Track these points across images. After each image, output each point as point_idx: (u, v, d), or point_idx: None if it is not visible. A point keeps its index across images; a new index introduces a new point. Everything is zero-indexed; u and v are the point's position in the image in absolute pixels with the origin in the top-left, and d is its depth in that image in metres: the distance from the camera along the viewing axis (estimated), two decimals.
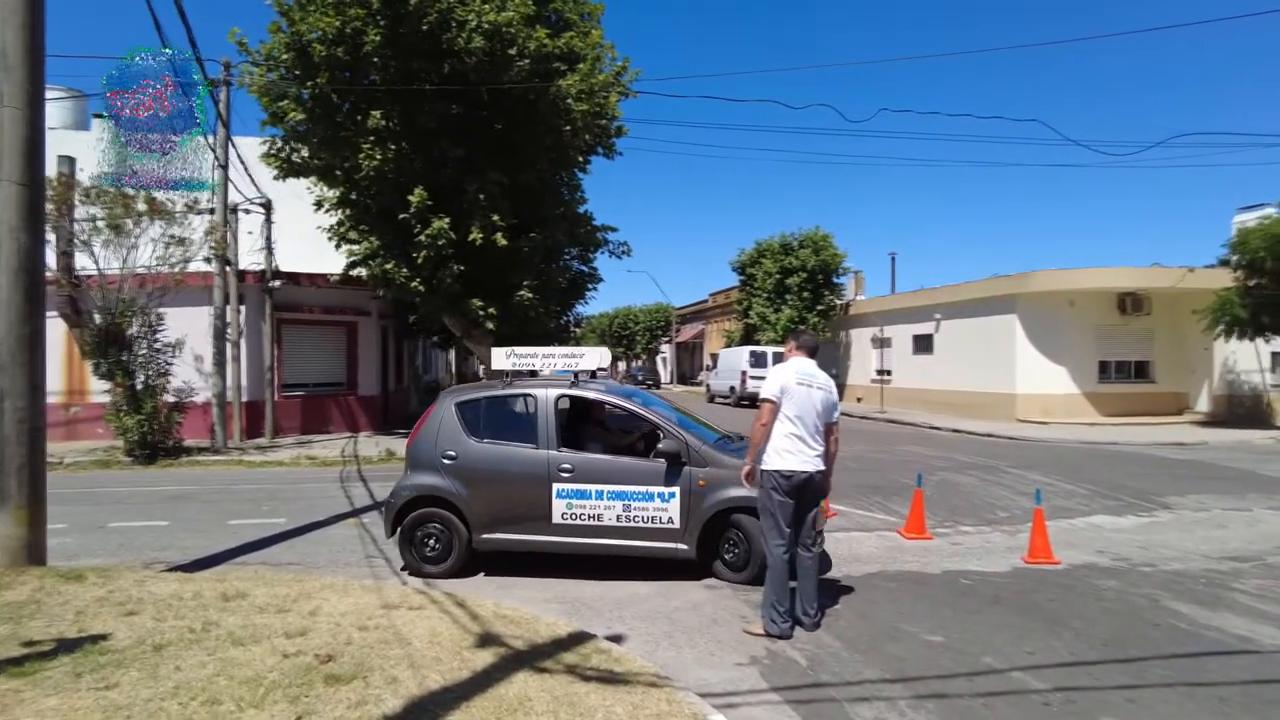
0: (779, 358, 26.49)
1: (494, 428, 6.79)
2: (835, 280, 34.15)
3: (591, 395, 6.86)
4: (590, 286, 18.89)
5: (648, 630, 5.21)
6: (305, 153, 15.47)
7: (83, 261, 13.49)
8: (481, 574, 6.61)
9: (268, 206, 17.10)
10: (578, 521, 6.40)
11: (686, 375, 57.05)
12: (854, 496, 10.09)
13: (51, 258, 13.10)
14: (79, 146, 16.93)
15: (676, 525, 6.26)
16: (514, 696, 3.72)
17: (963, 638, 5.05)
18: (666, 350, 62.26)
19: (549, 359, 7.15)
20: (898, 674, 4.47)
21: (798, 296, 33.41)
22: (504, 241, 14.22)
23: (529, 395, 6.81)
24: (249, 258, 16.74)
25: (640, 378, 52.54)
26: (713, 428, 7.35)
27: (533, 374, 7.15)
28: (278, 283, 17.27)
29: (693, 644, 4.96)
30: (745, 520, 6.16)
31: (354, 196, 15.75)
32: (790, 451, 5.06)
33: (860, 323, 32.13)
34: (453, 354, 43.93)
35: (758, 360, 29.34)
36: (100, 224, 13.06)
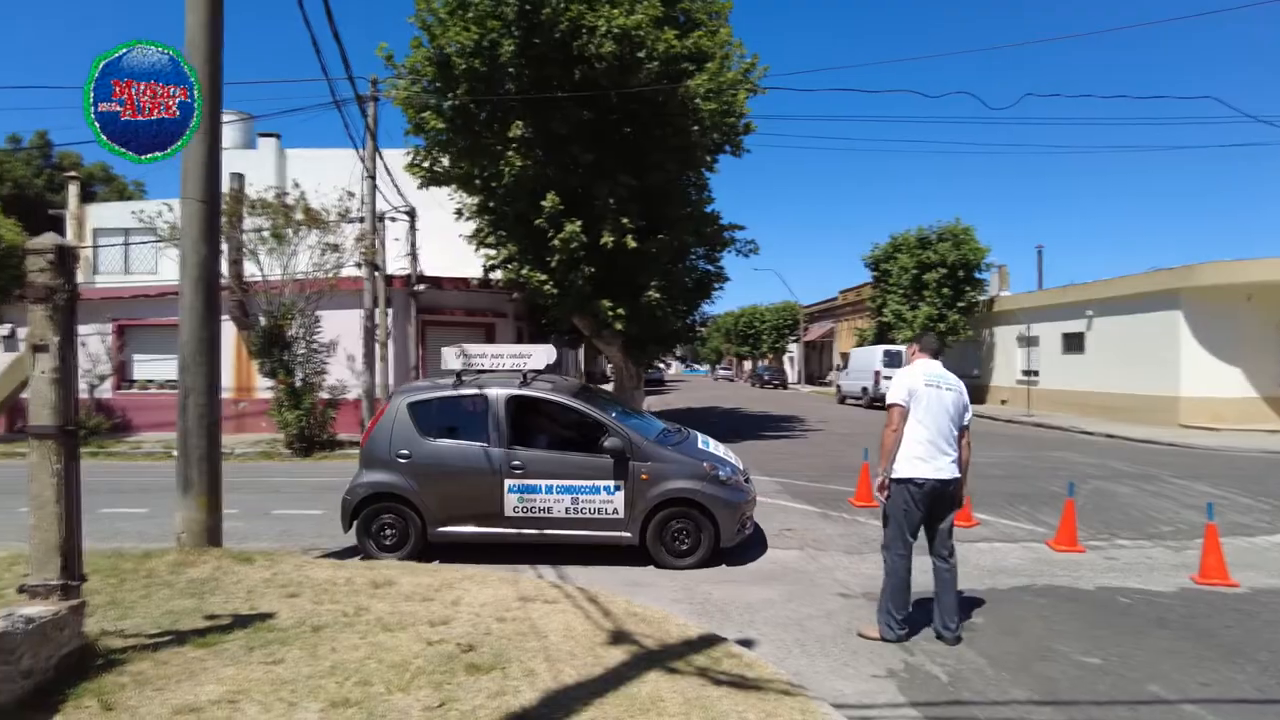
0: None
1: (446, 426, 7.18)
2: (977, 275, 32.36)
3: (540, 395, 7.21)
4: (717, 286, 18.83)
5: (779, 636, 5.12)
6: (446, 162, 16.21)
7: (249, 268, 14.73)
8: (608, 567, 6.70)
9: (412, 214, 18.09)
10: (529, 514, 6.86)
11: (815, 375, 55.81)
12: (998, 505, 9.51)
13: (223, 265, 14.43)
14: (246, 163, 18.54)
15: (621, 515, 6.78)
16: (646, 696, 3.75)
17: (1123, 662, 4.65)
18: (794, 350, 61.13)
19: (497, 358, 7.63)
20: (1048, 695, 4.17)
21: (936, 293, 31.88)
22: (633, 244, 14.40)
23: (480, 395, 7.15)
24: (396, 263, 17.76)
25: (766, 378, 51.86)
26: (655, 421, 8.01)
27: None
28: (422, 286, 18.26)
29: (826, 653, 4.82)
30: (691, 511, 6.75)
31: (491, 204, 16.37)
32: (922, 459, 4.84)
33: (1004, 320, 30.29)
34: (581, 352, 45.12)
35: (892, 360, 28.28)
36: (265, 233, 14.19)
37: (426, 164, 16.33)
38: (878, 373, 28.47)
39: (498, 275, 17.12)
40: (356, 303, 16.36)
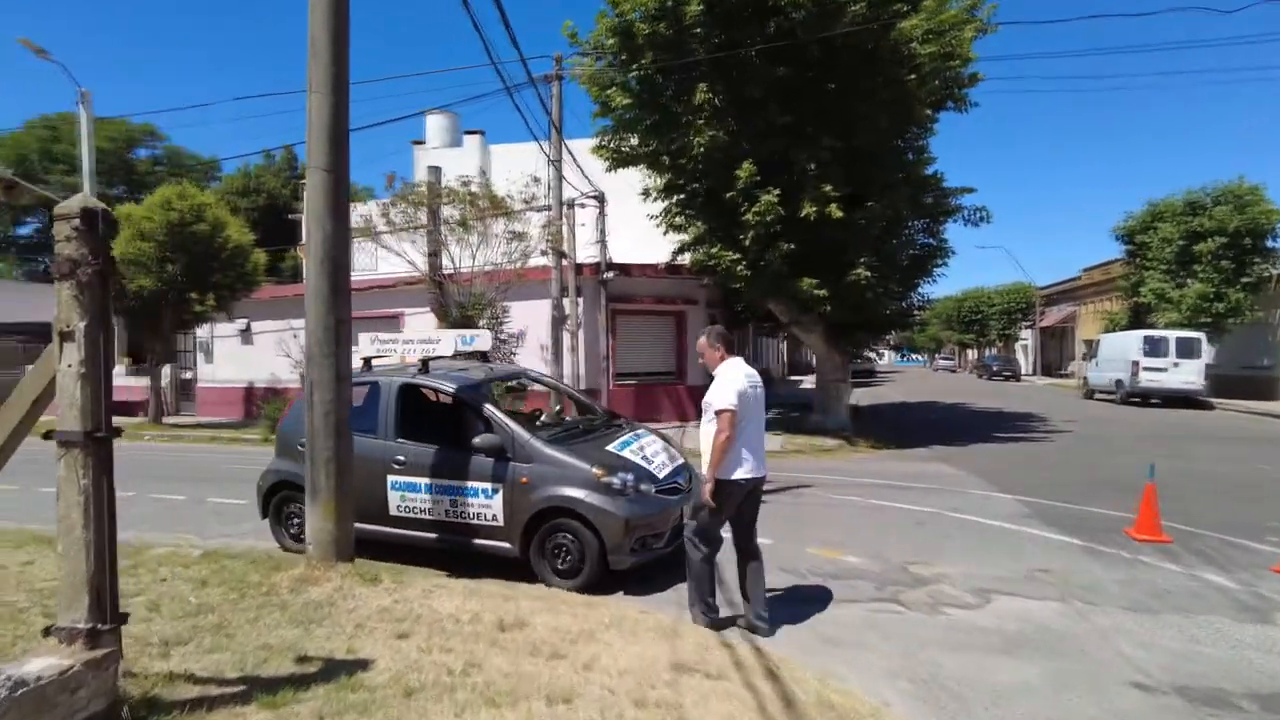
0: (1184, 343, 20.91)
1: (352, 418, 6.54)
2: (1269, 245, 26.55)
3: (429, 384, 6.70)
4: (938, 261, 16.26)
5: None
6: (635, 141, 15.34)
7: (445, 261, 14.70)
8: (789, 627, 5.21)
9: (601, 199, 17.43)
10: (411, 514, 6.33)
11: (1052, 365, 49.55)
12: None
13: (418, 258, 14.51)
14: (453, 161, 18.84)
15: (500, 523, 6.01)
16: None
17: None
18: (1026, 337, 54.81)
19: (408, 344, 7.23)
20: None
21: (1211, 267, 26.50)
22: (838, 213, 12.59)
23: (374, 383, 6.81)
24: (585, 251, 17.20)
25: (995, 368, 46.74)
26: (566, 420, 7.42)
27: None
28: (611, 274, 17.58)
29: None
30: (572, 523, 5.77)
31: (680, 181, 15.28)
32: (748, 459, 4.85)
33: None
34: (784, 343, 43.13)
35: (1155, 347, 23.73)
36: (455, 225, 14.07)
37: (613, 145, 15.53)
38: (1136, 363, 23.99)
39: (685, 258, 15.97)
40: (545, 292, 15.96)
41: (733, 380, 4.80)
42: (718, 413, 4.74)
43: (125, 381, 22.15)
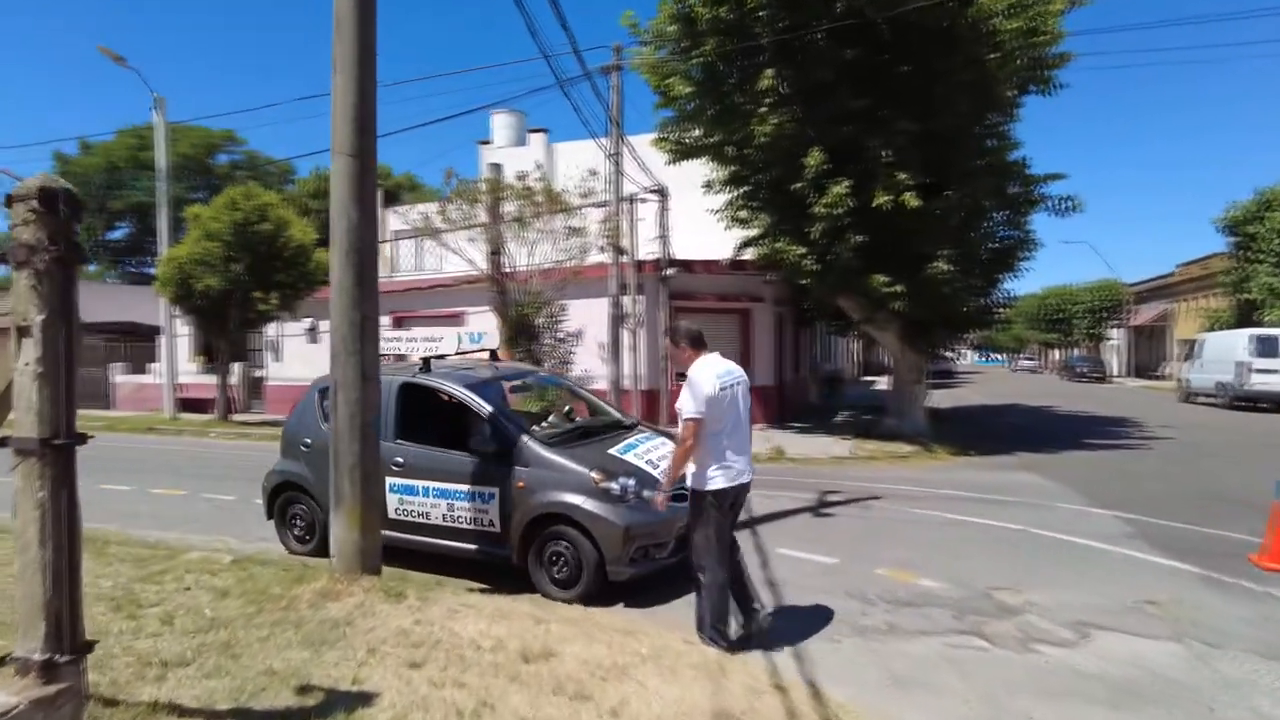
0: None
1: None
2: None
3: (429, 383, 6.38)
4: (1023, 255, 15.13)
5: None
6: (697, 132, 14.79)
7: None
8: (854, 665, 4.58)
9: (662, 193, 16.90)
10: (410, 518, 6.13)
11: (1145, 366, 46.71)
12: None
13: (476, 256, 14.28)
14: (518, 161, 18.55)
15: (498, 529, 5.76)
16: None
17: None
18: (1116, 336, 51.87)
19: (411, 342, 7.40)
20: None
21: None
22: (914, 202, 11.75)
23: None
24: (645, 247, 16.71)
25: (1081, 369, 44.31)
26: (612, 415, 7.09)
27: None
28: (672, 271, 17.03)
29: None
30: (569, 531, 5.46)
31: (745, 173, 14.65)
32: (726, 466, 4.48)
33: None
34: (858, 342, 41.78)
35: (1266, 347, 21.84)
36: (512, 221, 13.79)
37: (675, 136, 15.00)
38: (1244, 364, 22.10)
39: (749, 254, 15.31)
40: (603, 290, 15.53)
41: (700, 383, 4.41)
42: (685, 421, 4.42)
43: (198, 379, 22.76)
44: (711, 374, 4.46)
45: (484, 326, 15.26)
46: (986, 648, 4.69)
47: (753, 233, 15.26)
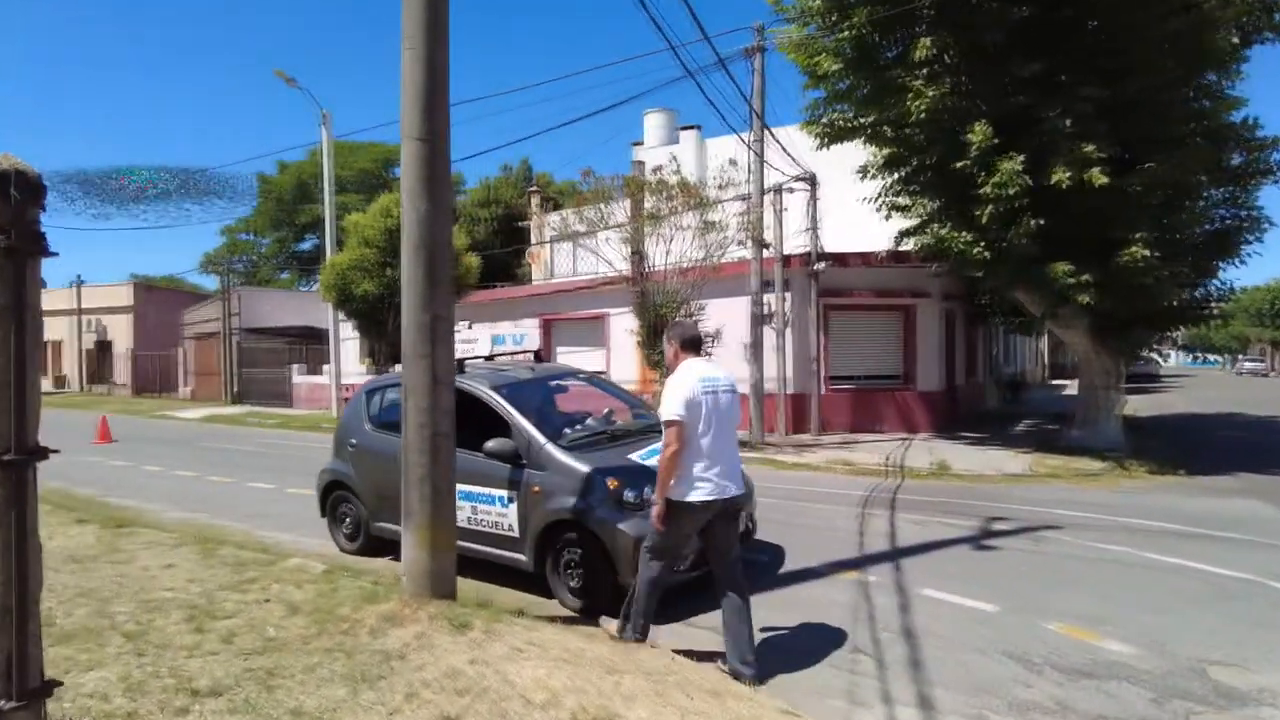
0: None
1: (387, 417, 6.61)
2: None
3: (465, 386, 5.91)
4: (1248, 238, 12.64)
5: None
6: (850, 113, 13.60)
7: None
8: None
9: (812, 182, 15.78)
10: None
11: None
12: None
13: (614, 256, 13.94)
14: (669, 159, 18.11)
15: (516, 534, 5.65)
16: None
17: None
18: None
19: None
20: None
21: None
22: (1102, 179, 10.02)
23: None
24: (792, 240, 15.66)
25: None
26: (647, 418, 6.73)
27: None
28: (823, 265, 15.84)
29: None
30: (586, 539, 5.22)
31: (904, 153, 13.29)
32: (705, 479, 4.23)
33: None
34: (1043, 340, 37.92)
35: None
36: (648, 218, 13.34)
37: (825, 119, 13.87)
38: None
39: (909, 243, 13.89)
40: (744, 288, 14.68)
41: (681, 385, 4.22)
42: (665, 424, 4.20)
43: (363, 380, 24.14)
44: (694, 376, 4.26)
45: (629, 326, 14.87)
46: None
47: (913, 221, 13.85)
